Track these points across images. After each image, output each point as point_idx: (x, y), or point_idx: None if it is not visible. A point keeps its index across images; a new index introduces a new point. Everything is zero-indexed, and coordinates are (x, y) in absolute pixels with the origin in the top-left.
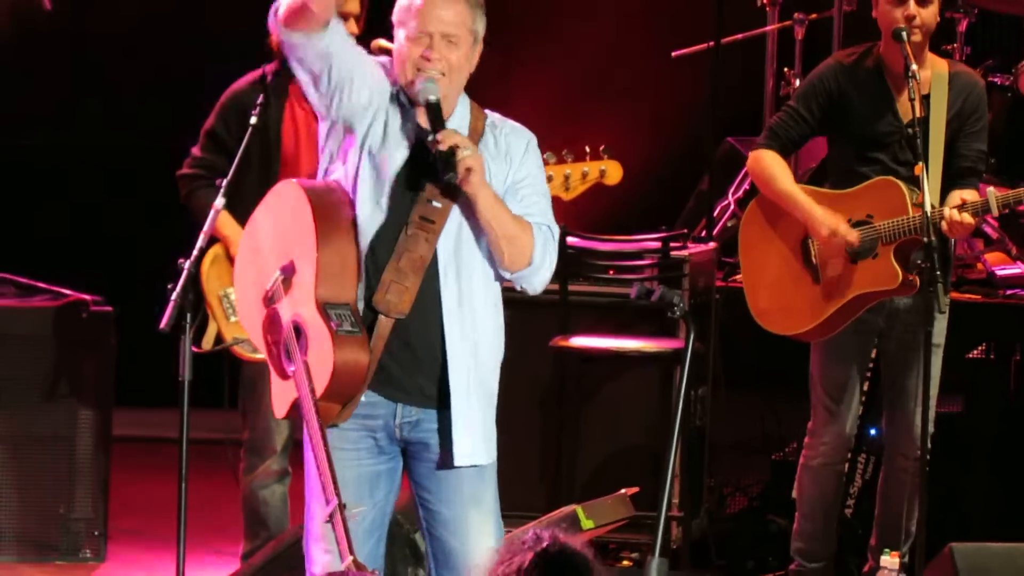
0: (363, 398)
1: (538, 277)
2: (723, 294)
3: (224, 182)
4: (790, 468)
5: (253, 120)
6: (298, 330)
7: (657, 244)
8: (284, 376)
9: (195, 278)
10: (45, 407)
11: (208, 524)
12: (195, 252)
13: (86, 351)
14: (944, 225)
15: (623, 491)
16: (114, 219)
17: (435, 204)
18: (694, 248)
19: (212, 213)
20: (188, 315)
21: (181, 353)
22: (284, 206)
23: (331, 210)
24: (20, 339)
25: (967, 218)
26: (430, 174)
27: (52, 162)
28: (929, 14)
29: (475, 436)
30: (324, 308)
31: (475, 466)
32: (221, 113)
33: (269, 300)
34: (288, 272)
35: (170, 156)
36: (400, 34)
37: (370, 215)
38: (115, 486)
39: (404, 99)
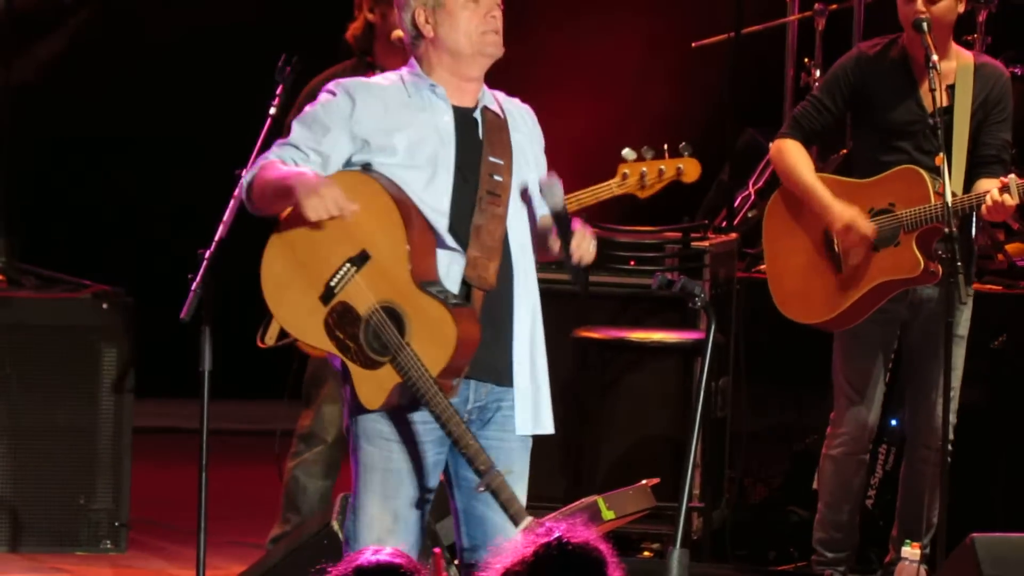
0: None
1: None
2: (744, 284)
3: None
4: (811, 459)
5: (272, 111)
6: (393, 314)
7: (678, 235)
8: (371, 366)
9: (219, 263)
10: (66, 398)
11: (230, 515)
12: (215, 242)
13: (107, 341)
14: (984, 209)
15: (644, 482)
16: (139, 209)
17: (499, 178)
18: (715, 238)
19: (232, 202)
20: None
21: (202, 343)
22: (351, 194)
23: (402, 194)
24: (41, 329)
25: (1008, 199)
26: (478, 149)
27: (80, 153)
28: (940, 9)
29: (536, 407)
30: (423, 287)
31: (524, 436)
32: (298, 107)
33: (331, 294)
34: (360, 261)
35: (199, 150)
36: (444, 4)
37: (439, 196)
38: (136, 477)
39: (422, 86)
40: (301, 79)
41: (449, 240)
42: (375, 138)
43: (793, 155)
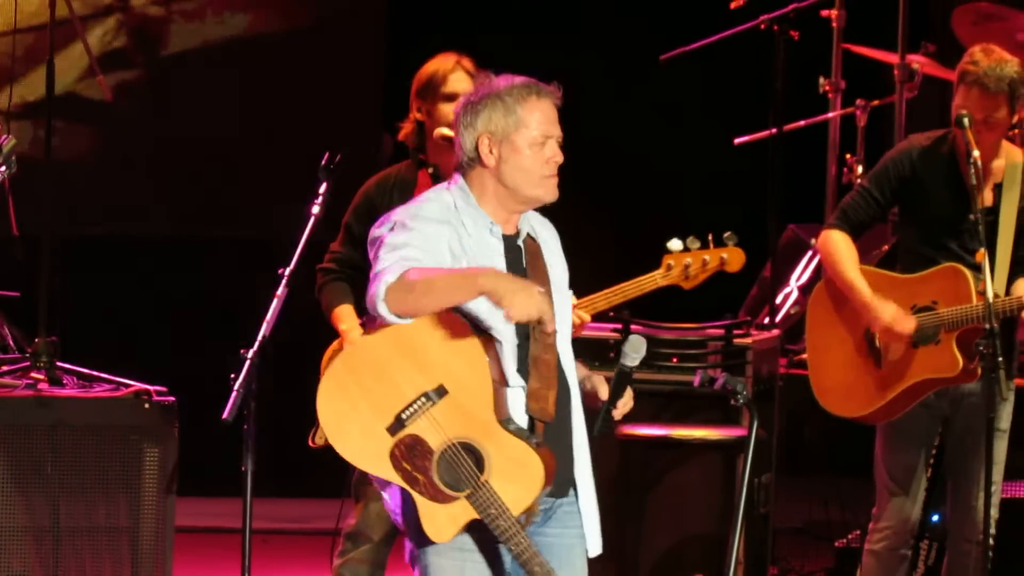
0: None
1: None
2: (786, 381)
3: (287, 271)
4: (854, 555)
5: (315, 210)
6: (472, 451)
7: (720, 332)
8: (442, 500)
9: (263, 364)
10: (107, 498)
11: None
12: (258, 341)
13: (148, 441)
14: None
15: None
16: (181, 308)
17: None
18: (757, 335)
19: (275, 302)
20: (251, 404)
21: (244, 443)
22: (417, 330)
23: (480, 327)
24: (82, 429)
25: None
26: (522, 276)
27: (120, 252)
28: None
29: (597, 527)
30: (504, 424)
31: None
32: (354, 208)
33: (401, 426)
34: (436, 396)
35: (235, 248)
36: (514, 140)
37: (506, 331)
38: None
39: (481, 222)
40: (344, 177)
41: (513, 373)
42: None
43: (839, 248)
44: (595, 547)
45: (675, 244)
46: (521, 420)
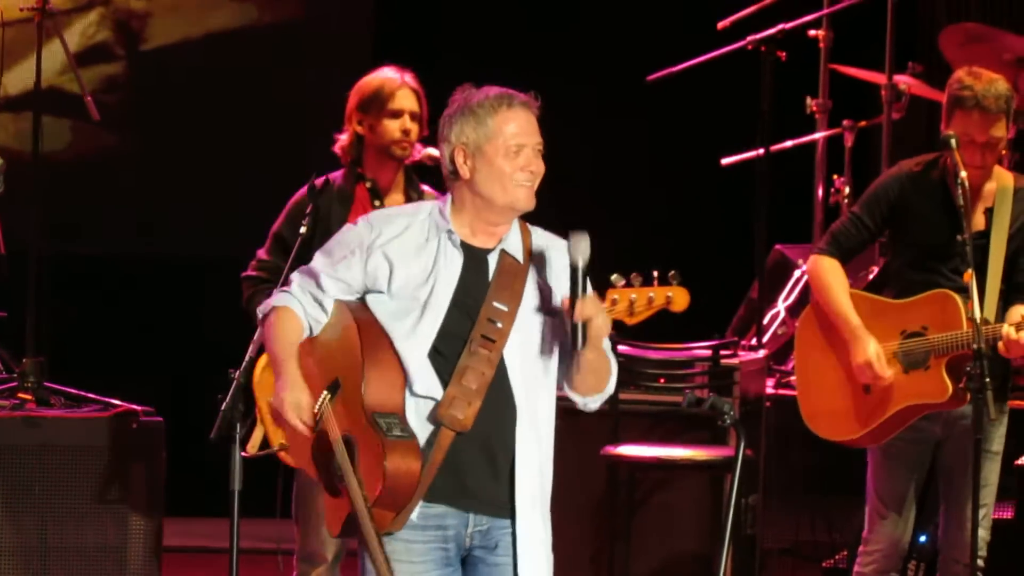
0: (433, 509)
1: (603, 399)
2: (773, 401)
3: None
4: (841, 575)
5: (302, 230)
6: (348, 444)
7: (707, 352)
8: (335, 493)
9: (246, 386)
10: (95, 518)
11: None
12: (245, 361)
13: (136, 461)
14: (1001, 346)
15: None
16: (168, 328)
17: (497, 324)
18: (744, 356)
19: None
20: (238, 425)
21: (231, 462)
22: (328, 328)
23: (374, 324)
24: (70, 449)
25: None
26: (483, 291)
27: (107, 272)
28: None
29: (540, 548)
30: (373, 416)
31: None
32: (287, 216)
33: (317, 423)
34: (333, 390)
35: (221, 268)
36: (486, 151)
37: (418, 335)
38: None
39: (441, 231)
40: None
41: (429, 380)
42: (391, 282)
43: (828, 275)
44: (538, 570)
45: (617, 279)
46: (422, 422)
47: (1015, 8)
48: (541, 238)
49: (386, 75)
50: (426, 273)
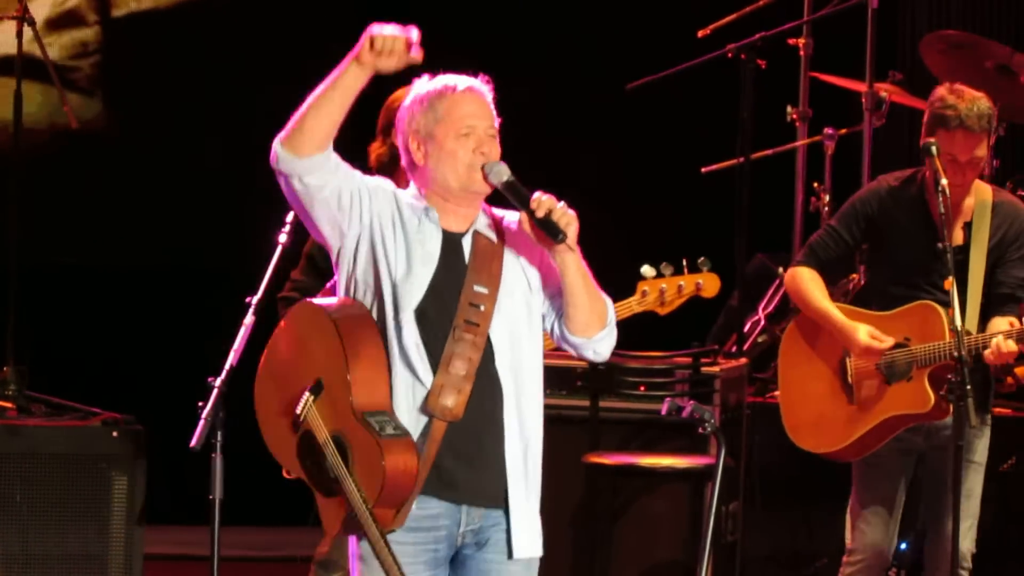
0: (426, 510)
1: (610, 339)
2: (754, 410)
3: (255, 299)
4: None
5: (283, 239)
6: (339, 444)
7: (687, 360)
8: (330, 494)
9: (225, 396)
10: (76, 526)
11: None
12: (226, 369)
13: (117, 470)
14: (989, 354)
15: None
16: (149, 336)
17: (480, 307)
18: (725, 364)
19: (243, 330)
20: (219, 433)
21: (212, 470)
22: (302, 328)
23: (353, 321)
24: (51, 458)
25: (1011, 345)
26: (461, 275)
27: (87, 281)
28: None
29: (532, 530)
30: (363, 417)
31: (529, 559)
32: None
33: (300, 423)
34: (316, 391)
35: (201, 277)
36: (436, 135)
37: (411, 321)
38: None
39: (420, 208)
40: None
41: (406, 368)
42: (374, 244)
43: (807, 282)
44: (523, 550)
45: (648, 270)
46: (412, 415)
47: (996, 15)
48: (506, 216)
49: None
50: (408, 256)
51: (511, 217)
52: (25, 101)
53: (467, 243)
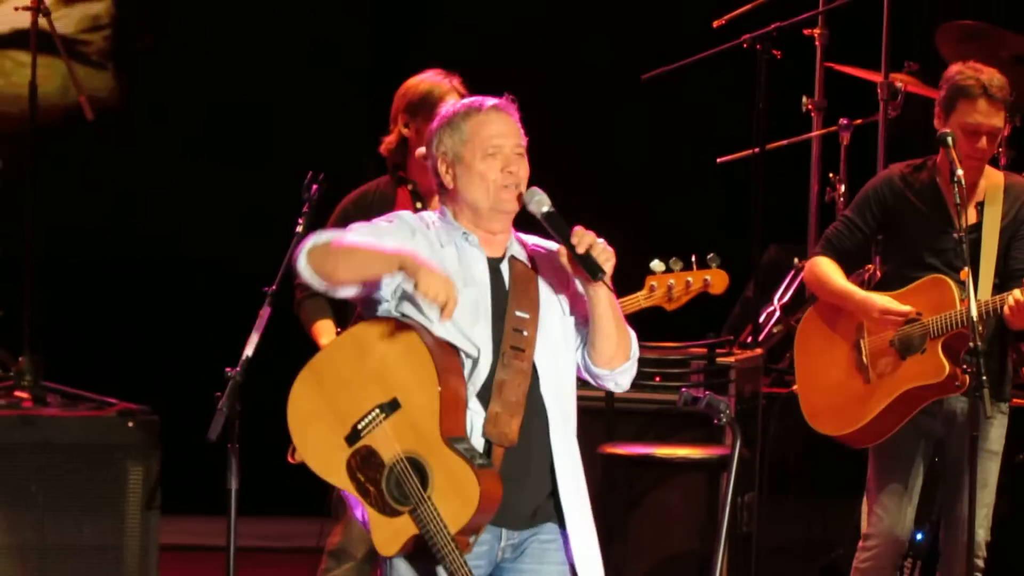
0: None
1: (631, 372)
2: (769, 400)
3: (271, 290)
4: (837, 573)
5: (298, 228)
6: (417, 466)
7: (703, 351)
8: (391, 513)
9: (246, 382)
10: (92, 516)
11: None
12: (242, 359)
13: (133, 459)
14: (1007, 310)
15: None
16: (165, 326)
17: (523, 333)
18: (740, 354)
19: (258, 321)
20: (236, 423)
21: (228, 460)
22: (380, 341)
23: (442, 350)
24: (66, 448)
25: None
26: (502, 301)
27: (104, 271)
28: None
29: (595, 551)
30: (450, 443)
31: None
32: (337, 221)
33: (357, 437)
34: (388, 409)
35: (225, 268)
36: (463, 156)
37: (482, 345)
38: None
39: (455, 234)
40: (327, 197)
41: (472, 395)
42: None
43: (825, 269)
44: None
45: (657, 265)
46: (478, 442)
47: (1012, 5)
48: (533, 241)
49: (434, 79)
50: (459, 278)
51: (537, 242)
52: (39, 79)
53: (505, 268)
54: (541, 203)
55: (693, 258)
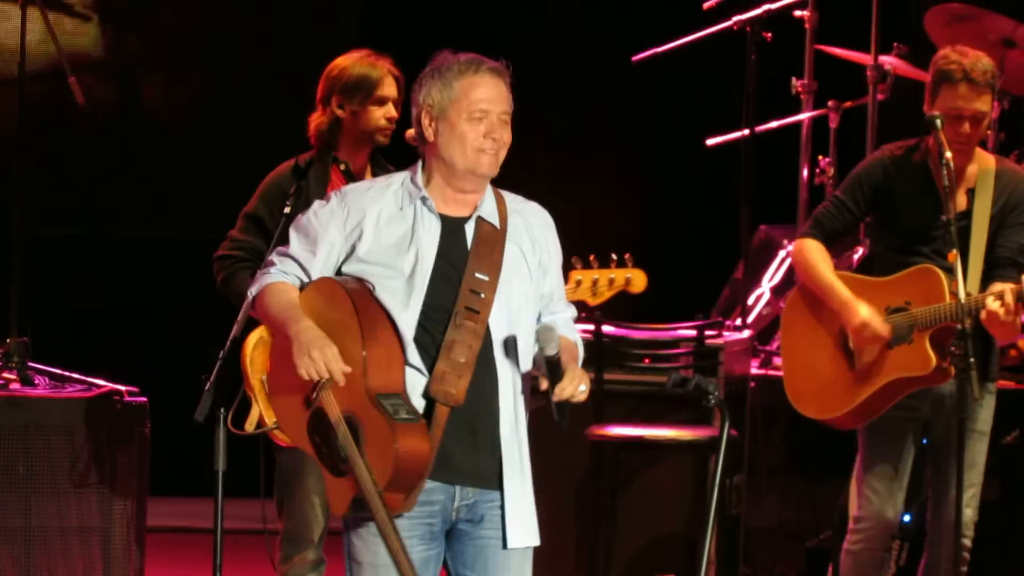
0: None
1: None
2: (758, 381)
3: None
4: (825, 555)
5: (286, 210)
6: (351, 425)
7: (692, 333)
8: (338, 473)
9: (234, 363)
10: (79, 498)
11: None
12: (229, 340)
13: (120, 442)
14: (983, 314)
15: None
16: (152, 308)
17: (480, 295)
18: (729, 336)
19: (246, 303)
20: (223, 406)
21: (216, 442)
22: (321, 303)
23: (369, 302)
24: (53, 429)
25: (1002, 311)
26: (462, 261)
27: (89, 251)
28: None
29: (527, 518)
30: (377, 399)
31: (525, 547)
32: (262, 196)
33: (312, 399)
34: None
35: (205, 247)
36: (448, 114)
37: (411, 308)
38: None
39: (417, 195)
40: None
41: (417, 353)
42: (363, 247)
43: (812, 254)
44: (518, 539)
45: (576, 261)
46: (419, 400)
47: None
48: (514, 202)
49: (367, 60)
50: (406, 242)
51: (514, 202)
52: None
53: (470, 229)
54: (552, 348)
55: (613, 256)
